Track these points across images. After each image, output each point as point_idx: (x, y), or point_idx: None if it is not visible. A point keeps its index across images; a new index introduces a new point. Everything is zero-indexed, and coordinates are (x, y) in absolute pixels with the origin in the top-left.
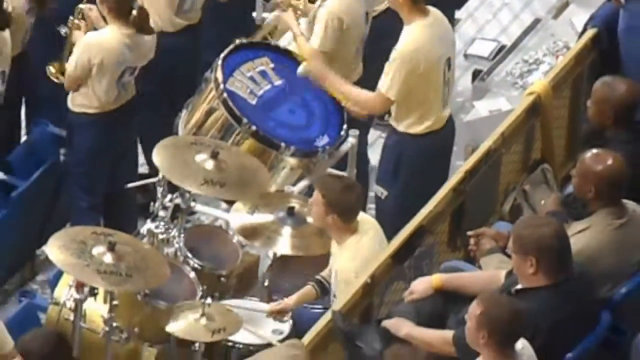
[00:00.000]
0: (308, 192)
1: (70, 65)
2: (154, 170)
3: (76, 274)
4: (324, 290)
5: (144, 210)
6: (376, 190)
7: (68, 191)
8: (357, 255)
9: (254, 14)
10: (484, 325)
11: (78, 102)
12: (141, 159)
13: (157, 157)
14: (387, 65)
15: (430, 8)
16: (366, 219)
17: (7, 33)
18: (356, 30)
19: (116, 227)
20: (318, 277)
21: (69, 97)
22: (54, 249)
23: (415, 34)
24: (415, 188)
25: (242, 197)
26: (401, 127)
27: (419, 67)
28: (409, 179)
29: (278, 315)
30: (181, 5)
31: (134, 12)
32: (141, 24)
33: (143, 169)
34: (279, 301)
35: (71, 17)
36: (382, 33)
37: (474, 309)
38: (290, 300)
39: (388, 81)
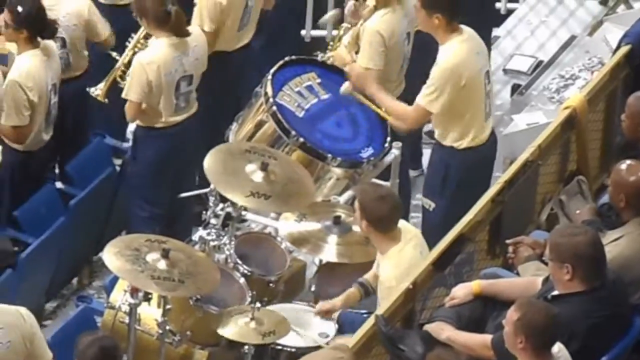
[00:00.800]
0: (353, 201)
1: (130, 95)
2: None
3: (131, 280)
4: (367, 292)
5: (197, 218)
6: (423, 202)
7: (127, 201)
8: (399, 263)
9: (303, 32)
10: (521, 330)
11: (140, 117)
12: None
13: (209, 162)
14: (429, 80)
15: (463, 27)
16: (409, 228)
17: (53, 43)
18: (398, 48)
19: (171, 234)
20: (361, 279)
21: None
22: (110, 256)
23: (454, 49)
24: (461, 200)
25: (285, 210)
26: (446, 142)
27: (461, 81)
28: (455, 191)
29: (326, 314)
30: (242, 19)
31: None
32: (178, 27)
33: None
34: (328, 301)
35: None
36: (420, 49)
37: (511, 315)
38: (337, 302)
39: (430, 95)
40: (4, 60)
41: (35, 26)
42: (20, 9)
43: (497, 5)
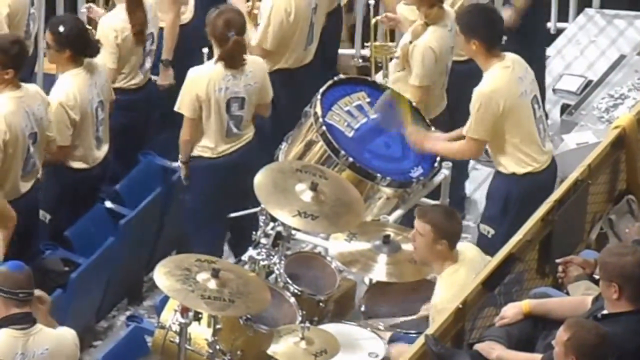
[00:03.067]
0: (403, 221)
1: (182, 109)
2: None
3: (181, 299)
4: None
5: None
6: (481, 228)
7: (183, 223)
8: (452, 284)
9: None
10: (571, 350)
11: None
12: None
13: (259, 181)
14: (470, 109)
15: (506, 53)
16: (468, 249)
17: (97, 60)
18: (444, 62)
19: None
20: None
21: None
22: (161, 275)
23: (493, 76)
24: (522, 224)
25: (332, 230)
26: (504, 169)
27: (498, 108)
28: (516, 218)
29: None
30: (307, 37)
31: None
32: (232, 55)
33: None
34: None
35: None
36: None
37: (561, 335)
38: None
39: (472, 124)
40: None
41: (78, 45)
42: (62, 29)
43: (547, 25)
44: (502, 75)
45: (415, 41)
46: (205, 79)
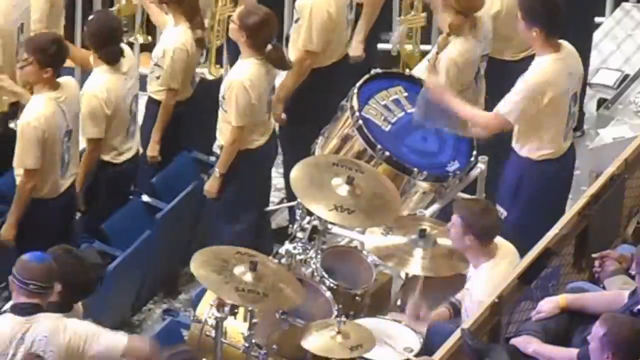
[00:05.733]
0: (439, 215)
1: (235, 118)
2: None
3: (214, 289)
4: (457, 311)
5: (283, 232)
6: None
7: (212, 215)
8: (490, 279)
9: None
10: (607, 346)
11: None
12: (280, 182)
13: (295, 175)
14: (513, 90)
15: (563, 42)
16: (505, 245)
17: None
18: (470, 73)
19: (254, 248)
20: (452, 298)
21: (218, 129)
22: (197, 264)
23: (544, 67)
24: (533, 211)
25: (368, 224)
26: (523, 152)
27: (543, 99)
28: (528, 202)
29: (414, 322)
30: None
31: (269, 47)
32: (272, 62)
33: (281, 193)
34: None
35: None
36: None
37: (597, 330)
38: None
39: (510, 105)
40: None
41: (103, 44)
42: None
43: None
44: (552, 68)
45: (440, 53)
46: (256, 84)
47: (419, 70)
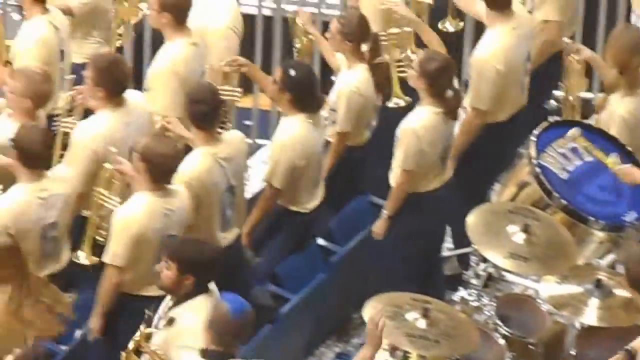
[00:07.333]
0: (615, 265)
1: (404, 162)
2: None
3: (385, 334)
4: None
5: (456, 279)
6: None
7: (385, 259)
8: None
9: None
10: None
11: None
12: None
13: (471, 221)
14: None
15: None
16: None
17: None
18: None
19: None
20: (628, 347)
21: (391, 169)
22: (370, 310)
23: None
24: None
25: (543, 273)
26: None
27: None
28: None
29: None
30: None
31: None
32: (451, 108)
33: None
34: None
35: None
36: None
37: None
38: None
39: None
40: (265, 117)
41: (300, 93)
42: (292, 72)
43: None
44: None
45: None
46: (429, 132)
47: (596, 119)
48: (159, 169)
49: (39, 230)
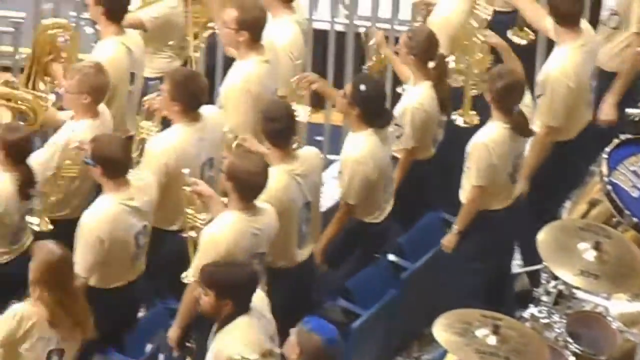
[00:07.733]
0: None
1: (475, 178)
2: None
3: (454, 351)
4: None
5: (527, 296)
6: None
7: (455, 275)
8: None
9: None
10: None
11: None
12: None
13: (542, 238)
14: None
15: None
16: None
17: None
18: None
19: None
20: None
21: (462, 185)
22: (440, 327)
23: None
24: None
25: (614, 290)
26: None
27: None
28: None
29: None
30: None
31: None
32: (519, 124)
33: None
34: None
35: None
36: None
37: None
38: None
39: None
40: (337, 133)
41: (369, 109)
42: (362, 87)
43: None
44: None
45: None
46: (499, 146)
47: None
48: (246, 186)
49: (132, 238)
